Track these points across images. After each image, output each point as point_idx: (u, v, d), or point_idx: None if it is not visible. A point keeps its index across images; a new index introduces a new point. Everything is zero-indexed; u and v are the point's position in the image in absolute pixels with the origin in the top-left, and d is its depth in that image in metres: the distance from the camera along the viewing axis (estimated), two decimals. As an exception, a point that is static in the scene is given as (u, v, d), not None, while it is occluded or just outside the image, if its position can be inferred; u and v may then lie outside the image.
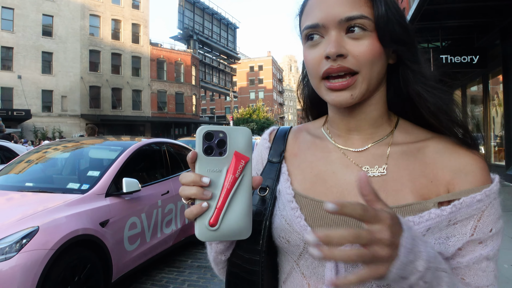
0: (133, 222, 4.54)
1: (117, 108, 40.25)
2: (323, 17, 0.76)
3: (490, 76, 12.86)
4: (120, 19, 40.85)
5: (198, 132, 0.69)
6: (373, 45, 0.76)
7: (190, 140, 16.13)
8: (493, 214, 0.75)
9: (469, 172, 0.77)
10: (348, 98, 0.77)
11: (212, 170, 0.69)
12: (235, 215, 0.70)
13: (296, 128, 1.02)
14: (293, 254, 0.83)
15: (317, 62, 0.78)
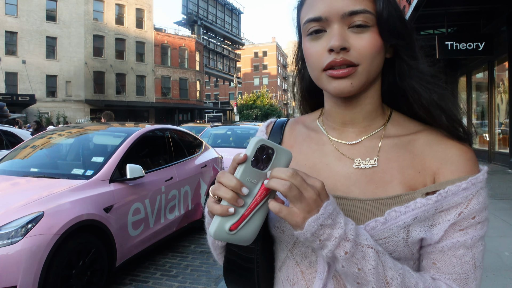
0: (136, 207, 4.59)
1: (121, 94, 40.28)
2: (326, 11, 0.77)
3: (496, 63, 12.76)
4: (124, 4, 40.62)
5: (255, 142, 0.73)
6: (374, 39, 0.78)
7: (194, 126, 16.17)
8: (480, 203, 0.76)
9: (455, 162, 0.79)
10: (348, 86, 0.78)
11: (250, 180, 0.73)
12: (253, 226, 0.75)
13: (293, 120, 1.04)
14: (288, 243, 0.86)
15: (320, 54, 0.79)
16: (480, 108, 15.02)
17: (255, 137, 0.74)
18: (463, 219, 0.75)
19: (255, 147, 0.73)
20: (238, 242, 0.75)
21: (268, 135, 1.02)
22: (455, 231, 0.76)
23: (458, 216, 0.75)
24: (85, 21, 37.42)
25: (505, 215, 6.14)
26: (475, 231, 0.76)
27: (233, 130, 11.83)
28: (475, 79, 15.25)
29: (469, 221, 0.76)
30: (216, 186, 0.73)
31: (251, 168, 0.72)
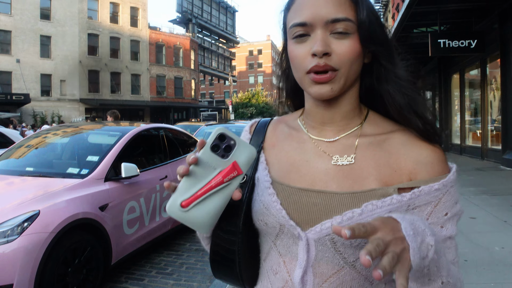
0: (132, 206, 4.63)
1: (116, 93, 40.20)
2: (311, 17, 0.83)
3: (488, 60, 12.84)
4: (118, 2, 40.51)
5: (216, 129, 0.77)
6: (354, 45, 0.84)
7: (189, 125, 16.17)
8: (449, 201, 0.83)
9: (429, 163, 0.86)
10: (329, 91, 0.85)
11: (208, 164, 0.77)
12: (205, 210, 0.77)
13: (276, 120, 1.10)
14: (271, 235, 0.92)
15: (304, 57, 0.85)
16: (473, 105, 15.11)
17: (218, 126, 0.78)
18: (436, 217, 0.83)
19: (215, 134, 0.77)
20: (192, 224, 0.77)
21: (251, 135, 1.07)
22: (438, 229, 0.83)
23: (430, 215, 0.83)
24: (80, 19, 37.29)
25: (496, 211, 6.22)
26: (452, 223, 0.85)
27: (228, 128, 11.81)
28: (468, 76, 15.34)
29: (444, 218, 0.83)
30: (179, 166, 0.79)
31: (210, 152, 0.77)
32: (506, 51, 10.95)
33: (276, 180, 0.93)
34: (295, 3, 0.88)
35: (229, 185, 0.78)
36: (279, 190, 0.91)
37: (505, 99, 11.13)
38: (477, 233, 5.13)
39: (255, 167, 0.98)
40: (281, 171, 0.95)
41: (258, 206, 0.92)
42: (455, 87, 16.52)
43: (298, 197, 0.89)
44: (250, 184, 0.96)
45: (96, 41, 38.71)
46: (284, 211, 0.88)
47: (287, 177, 0.93)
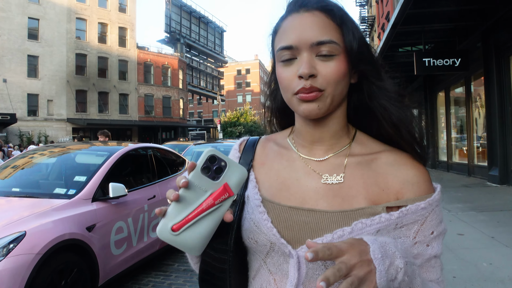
0: (119, 226, 4.58)
1: (104, 112, 40.03)
2: (297, 40, 0.86)
3: (472, 78, 13.09)
4: (106, 23, 40.69)
5: (206, 151, 0.78)
6: (339, 66, 0.86)
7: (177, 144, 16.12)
8: (434, 219, 0.87)
9: (415, 183, 0.89)
10: (315, 109, 0.87)
11: (199, 187, 0.77)
12: (196, 233, 0.77)
13: (264, 138, 1.12)
14: (261, 253, 0.93)
15: (291, 79, 0.87)
16: (459, 122, 15.33)
17: (209, 148, 0.79)
18: (423, 235, 0.86)
19: (205, 156, 0.77)
20: (183, 247, 0.77)
21: (240, 153, 1.08)
22: (424, 247, 0.86)
23: (417, 233, 0.86)
24: (68, 39, 37.32)
25: (484, 227, 6.26)
26: (437, 242, 0.88)
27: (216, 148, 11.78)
28: (453, 94, 15.59)
29: (430, 236, 0.86)
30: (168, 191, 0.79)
31: (200, 175, 0.77)
32: (489, 69, 11.18)
33: (266, 199, 0.94)
34: (282, 27, 0.91)
35: (220, 207, 0.78)
36: (270, 208, 0.92)
37: (490, 116, 11.31)
38: (465, 250, 5.16)
39: (245, 186, 0.99)
40: (271, 189, 0.96)
41: (248, 224, 0.93)
42: (440, 104, 16.77)
43: (288, 215, 0.90)
44: (240, 202, 0.97)
45: (84, 61, 38.68)
46: (275, 229, 0.89)
47: (277, 196, 0.94)
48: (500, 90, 10.72)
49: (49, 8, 36.16)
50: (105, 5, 40.75)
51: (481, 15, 10.89)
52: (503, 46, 10.53)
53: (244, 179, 0.81)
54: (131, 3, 43.41)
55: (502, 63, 10.68)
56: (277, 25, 0.94)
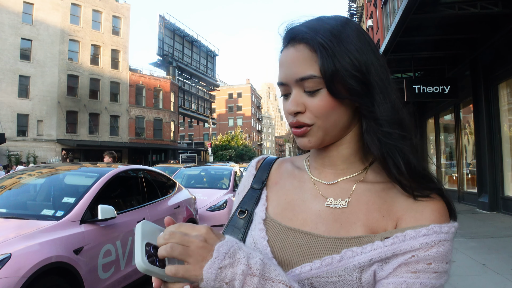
0: (107, 249, 4.49)
1: (94, 133, 39.83)
2: (285, 77, 0.87)
3: (461, 105, 13.28)
4: (99, 45, 40.88)
5: (143, 266, 0.68)
6: (326, 99, 0.82)
7: (167, 167, 16.06)
8: (440, 253, 0.76)
9: (419, 211, 0.81)
10: (306, 142, 0.88)
11: None
12: None
13: (282, 159, 1.12)
14: None
15: (287, 114, 0.88)
16: (448, 149, 15.47)
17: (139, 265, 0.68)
18: (417, 261, 0.75)
19: (148, 266, 0.68)
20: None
21: (256, 171, 1.08)
22: (405, 271, 0.76)
23: (411, 257, 0.75)
24: (60, 60, 37.35)
25: (475, 254, 6.24)
26: (428, 279, 0.75)
27: (207, 171, 11.83)
28: (443, 121, 15.77)
29: (424, 265, 0.75)
30: None
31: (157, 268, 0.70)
32: (477, 97, 11.35)
33: (270, 217, 0.94)
34: (279, 61, 0.91)
35: None
36: (270, 227, 0.92)
37: (479, 143, 11.43)
38: (457, 277, 5.12)
39: (256, 202, 1.00)
40: (277, 208, 0.96)
41: (249, 240, 0.94)
42: (430, 131, 16.94)
43: (285, 236, 0.89)
44: (249, 219, 0.98)
45: (75, 82, 38.65)
46: (269, 248, 0.88)
47: (281, 215, 0.94)
48: (488, 118, 10.87)
49: (42, 29, 36.28)
50: (98, 28, 41.00)
51: (470, 44, 11.12)
52: (491, 74, 10.73)
53: (148, 222, 0.76)
54: (125, 26, 43.76)
55: (491, 91, 10.87)
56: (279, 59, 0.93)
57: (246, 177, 1.09)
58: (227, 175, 11.00)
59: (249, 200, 1.01)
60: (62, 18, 37.69)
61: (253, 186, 1.04)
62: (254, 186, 1.04)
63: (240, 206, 1.02)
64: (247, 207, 1.00)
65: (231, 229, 0.98)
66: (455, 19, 9.69)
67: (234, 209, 1.04)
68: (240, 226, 0.98)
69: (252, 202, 1.00)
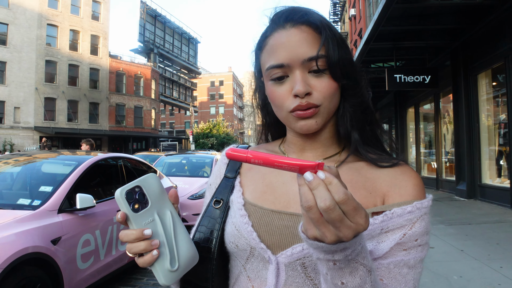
0: (86, 239, 4.41)
1: (73, 121, 39.20)
2: (288, 58, 0.84)
3: (441, 95, 13.45)
4: (78, 30, 40.04)
5: (119, 195, 0.74)
6: (331, 81, 0.85)
7: (148, 155, 15.91)
8: (422, 227, 0.81)
9: (403, 186, 0.86)
10: (314, 124, 0.86)
11: (147, 222, 0.77)
12: (184, 247, 0.80)
13: (255, 146, 1.11)
14: (241, 258, 0.91)
15: (285, 98, 0.86)
16: (428, 138, 15.68)
17: (116, 192, 0.75)
18: (407, 240, 0.80)
19: (123, 198, 0.74)
20: (187, 269, 0.81)
21: (228, 160, 1.06)
22: (399, 250, 0.80)
23: (403, 237, 0.80)
24: (37, 46, 36.48)
25: (453, 240, 6.36)
26: (416, 253, 0.81)
27: (188, 159, 11.74)
28: (423, 110, 15.96)
29: (413, 242, 0.80)
30: (128, 247, 0.77)
31: (137, 214, 0.76)
32: (457, 87, 11.51)
33: (249, 202, 0.93)
34: (268, 44, 0.88)
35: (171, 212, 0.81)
36: (251, 211, 0.91)
37: (458, 132, 11.61)
38: (436, 263, 5.21)
39: (231, 190, 0.99)
40: (255, 192, 0.95)
41: (230, 228, 0.92)
42: (410, 120, 17.14)
43: (270, 219, 0.88)
44: (226, 208, 0.96)
45: (54, 68, 37.86)
46: (255, 233, 0.87)
47: (261, 199, 0.93)
48: (468, 107, 11.04)
49: (19, 13, 35.31)
50: (77, 12, 40.12)
51: (451, 35, 11.23)
52: (471, 65, 10.87)
53: (158, 179, 0.82)
54: (105, 11, 42.93)
55: (470, 81, 11.02)
56: (263, 42, 0.91)
57: (218, 167, 1.08)
58: (209, 163, 10.96)
59: (224, 190, 1.00)
60: (40, 2, 36.75)
61: (227, 175, 1.03)
62: (228, 175, 1.02)
63: (215, 196, 1.00)
64: (222, 196, 0.99)
65: (207, 219, 0.96)
66: (437, 10, 9.76)
67: (207, 200, 1.03)
68: (216, 216, 0.96)
69: (227, 191, 0.99)
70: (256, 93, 1.05)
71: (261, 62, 0.92)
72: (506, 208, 9.15)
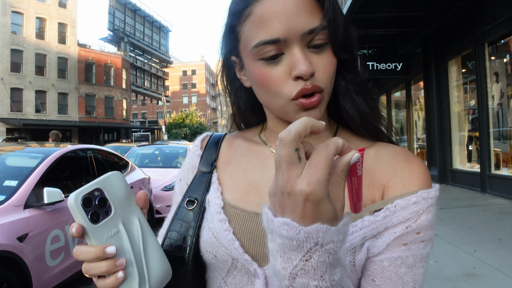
0: (55, 235, 4.25)
1: (41, 112, 38.11)
2: (285, 31, 0.67)
3: (412, 82, 13.64)
4: (45, 18, 38.75)
5: (73, 203, 0.59)
6: (332, 57, 0.72)
7: (119, 146, 15.63)
8: (428, 220, 0.69)
9: (405, 176, 0.73)
10: (318, 114, 0.72)
11: (110, 235, 0.61)
12: (155, 263, 0.65)
13: (231, 134, 0.96)
14: (221, 270, 0.77)
15: (283, 81, 0.70)
16: (399, 125, 15.91)
17: (70, 198, 0.60)
18: (408, 233, 0.68)
19: (78, 206, 0.59)
20: (162, 285, 0.67)
21: (202, 151, 0.92)
22: (398, 245, 0.68)
23: (405, 229, 0.68)
24: (2, 34, 35.12)
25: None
26: (417, 249, 0.69)
27: (161, 150, 11.58)
28: (394, 97, 16.17)
29: (413, 236, 0.68)
30: (85, 268, 0.61)
31: (98, 226, 0.60)
32: (428, 74, 11.67)
33: (229, 203, 0.79)
34: (254, 14, 0.70)
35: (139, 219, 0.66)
36: (232, 215, 0.77)
37: (429, 119, 11.81)
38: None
39: (207, 188, 0.84)
40: (237, 192, 0.81)
41: (206, 234, 0.77)
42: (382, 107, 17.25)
43: (255, 224, 0.75)
44: (201, 209, 0.81)
45: (20, 57, 36.57)
46: (238, 242, 0.74)
47: (244, 200, 0.79)
48: (438, 94, 11.22)
49: (-19, 0, 33.97)
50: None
51: (422, 22, 11.33)
52: (441, 52, 11.01)
53: (123, 177, 0.66)
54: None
55: (441, 68, 11.18)
56: (243, 11, 0.72)
57: (190, 159, 0.92)
58: (182, 153, 10.84)
59: (198, 187, 0.85)
60: (3, -11, 35.40)
61: (201, 169, 0.88)
62: (202, 169, 0.87)
63: (187, 195, 0.84)
64: (196, 195, 0.83)
65: (178, 223, 0.81)
66: (408, -4, 9.81)
67: (178, 198, 0.87)
68: (190, 219, 0.81)
69: (202, 188, 0.84)
70: (229, 72, 0.87)
71: (243, 36, 0.73)
72: (477, 192, 9.37)
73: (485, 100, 9.15)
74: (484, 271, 4.47)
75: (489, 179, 9.10)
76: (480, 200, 8.55)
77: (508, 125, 8.69)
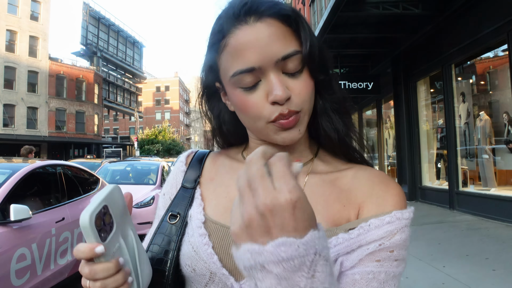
0: (21, 253, 4.11)
1: (9, 126, 37.09)
2: (259, 60, 0.71)
3: (383, 101, 13.96)
4: (16, 30, 38.00)
5: (88, 223, 0.58)
6: (308, 81, 0.76)
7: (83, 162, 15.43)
8: (402, 240, 0.71)
9: (380, 196, 0.76)
10: (297, 134, 0.76)
11: (115, 250, 0.64)
12: (145, 268, 0.71)
13: (216, 152, 0.99)
14: (199, 284, 0.78)
15: (261, 107, 0.74)
16: (370, 143, 16.19)
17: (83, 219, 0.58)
18: (382, 250, 0.70)
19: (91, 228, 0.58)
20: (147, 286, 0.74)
21: (187, 167, 0.95)
22: (371, 260, 0.69)
23: (378, 246, 0.70)
24: (-31, 47, 34.30)
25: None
26: (390, 267, 0.70)
27: (133, 166, 11.43)
28: (366, 116, 16.49)
29: (387, 253, 0.70)
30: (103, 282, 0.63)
31: (106, 243, 0.61)
32: (398, 93, 11.98)
33: (211, 219, 0.81)
34: (230, 45, 0.74)
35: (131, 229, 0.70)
36: (213, 230, 0.79)
37: (399, 137, 12.08)
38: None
39: (189, 203, 0.86)
40: (218, 208, 0.83)
41: (186, 248, 0.79)
42: (354, 125, 17.66)
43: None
44: (183, 224, 0.83)
45: (-13, 71, 35.70)
46: (216, 256, 0.76)
47: (225, 215, 0.81)
48: (408, 113, 11.51)
49: (-52, 12, 33.12)
50: (15, 12, 38.08)
51: (391, 43, 11.67)
52: (411, 72, 11.35)
53: (120, 191, 0.68)
54: (45, 12, 41.06)
55: (410, 88, 11.51)
56: (220, 42, 0.76)
57: (175, 175, 0.95)
58: (154, 170, 10.70)
59: (181, 202, 0.87)
60: (-28, 1, 34.64)
61: (184, 184, 0.90)
62: (186, 185, 0.90)
63: (170, 209, 0.86)
64: (179, 210, 0.86)
65: (160, 237, 0.83)
66: (379, 19, 10.08)
67: (161, 212, 0.89)
68: (172, 233, 0.83)
69: (185, 203, 0.86)
70: (202, 99, 0.92)
71: (222, 66, 0.78)
72: (445, 208, 9.58)
73: (453, 119, 9.44)
74: (453, 286, 4.55)
75: (457, 196, 9.34)
76: (449, 216, 8.74)
77: (475, 144, 8.97)
